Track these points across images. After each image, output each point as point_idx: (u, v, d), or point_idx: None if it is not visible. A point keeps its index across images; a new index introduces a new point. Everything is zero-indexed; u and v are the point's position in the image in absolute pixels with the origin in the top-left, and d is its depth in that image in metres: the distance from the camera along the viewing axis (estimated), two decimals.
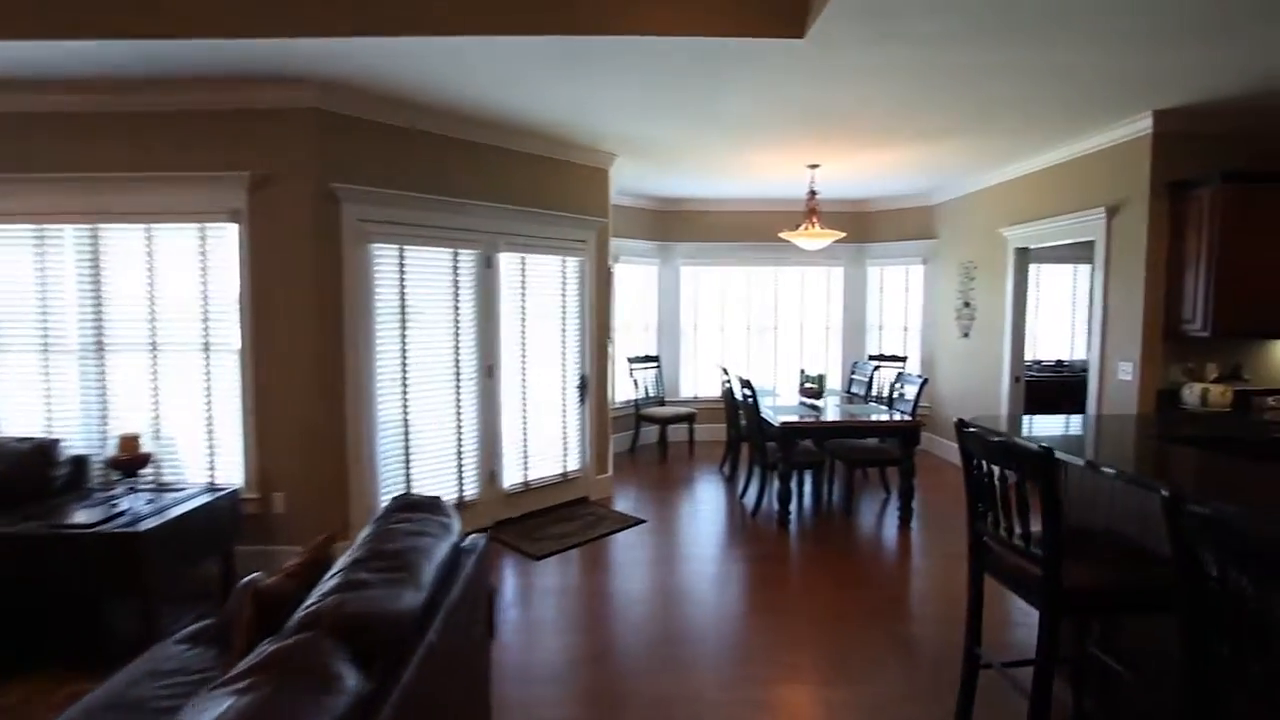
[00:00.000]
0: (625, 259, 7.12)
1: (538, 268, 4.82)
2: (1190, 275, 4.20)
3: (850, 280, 7.75)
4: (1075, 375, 6.90)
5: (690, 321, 7.73)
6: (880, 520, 4.92)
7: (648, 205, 7.41)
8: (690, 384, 7.79)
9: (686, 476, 6.17)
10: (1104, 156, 4.62)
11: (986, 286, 6.14)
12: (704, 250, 7.61)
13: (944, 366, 6.87)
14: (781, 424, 4.63)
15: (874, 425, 4.81)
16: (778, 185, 6.49)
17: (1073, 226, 4.95)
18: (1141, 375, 4.38)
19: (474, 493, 4.51)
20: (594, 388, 5.29)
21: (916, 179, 6.25)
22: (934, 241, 7.09)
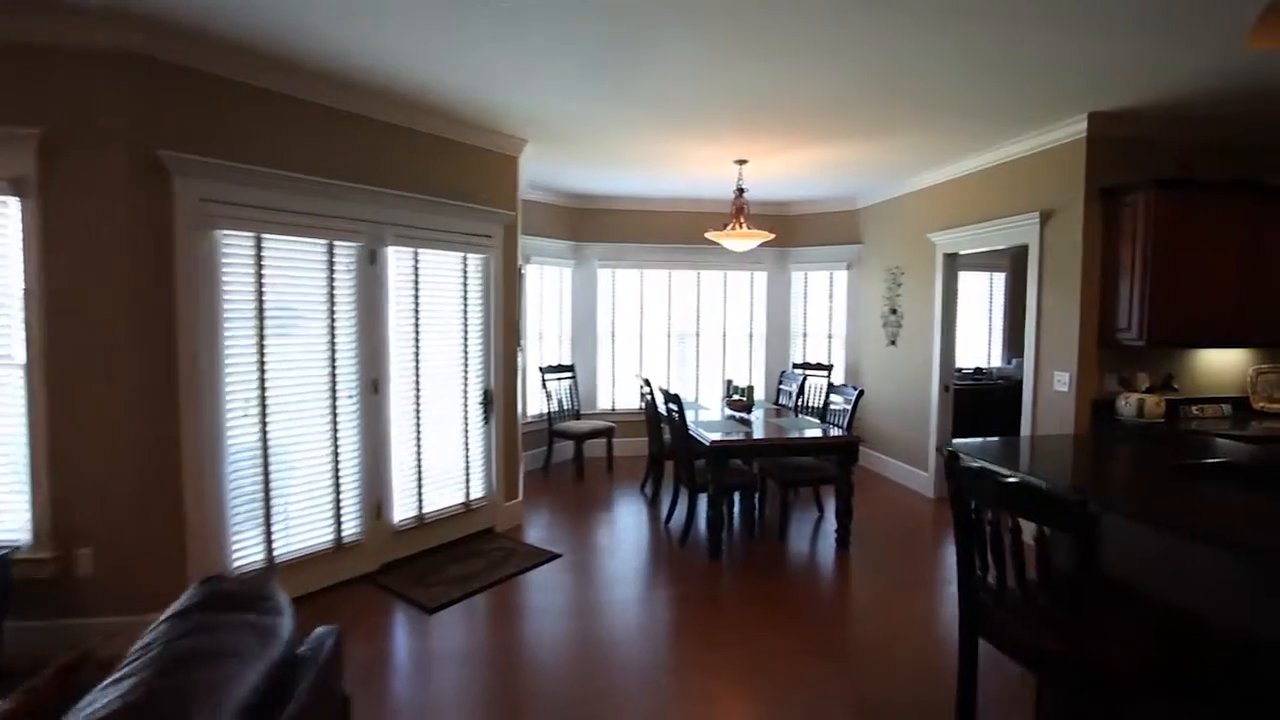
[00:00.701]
0: (537, 259, 6.50)
1: (434, 265, 4.14)
2: (1125, 283, 4.09)
3: (774, 285, 7.48)
4: (995, 383, 6.90)
5: (607, 328, 7.20)
6: (817, 544, 4.56)
7: (562, 201, 6.82)
8: (607, 395, 7.25)
9: (605, 498, 5.62)
10: (1038, 160, 4.48)
11: (914, 293, 5.98)
12: (622, 251, 7.10)
13: (870, 375, 6.69)
14: (712, 443, 4.17)
15: (813, 442, 4.44)
16: (702, 183, 6.09)
17: (1005, 231, 4.80)
18: (1078, 386, 4.24)
19: (355, 531, 3.76)
20: (502, 403, 4.65)
21: (843, 181, 6.01)
22: (859, 247, 6.92)
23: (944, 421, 5.62)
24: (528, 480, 6.04)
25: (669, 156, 5.12)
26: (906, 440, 5.99)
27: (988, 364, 7.43)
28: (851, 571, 4.08)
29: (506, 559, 4.17)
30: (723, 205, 6.98)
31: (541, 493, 5.72)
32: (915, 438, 5.87)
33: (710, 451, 4.17)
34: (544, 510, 5.23)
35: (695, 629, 3.34)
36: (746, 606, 3.58)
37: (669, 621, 3.42)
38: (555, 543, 4.49)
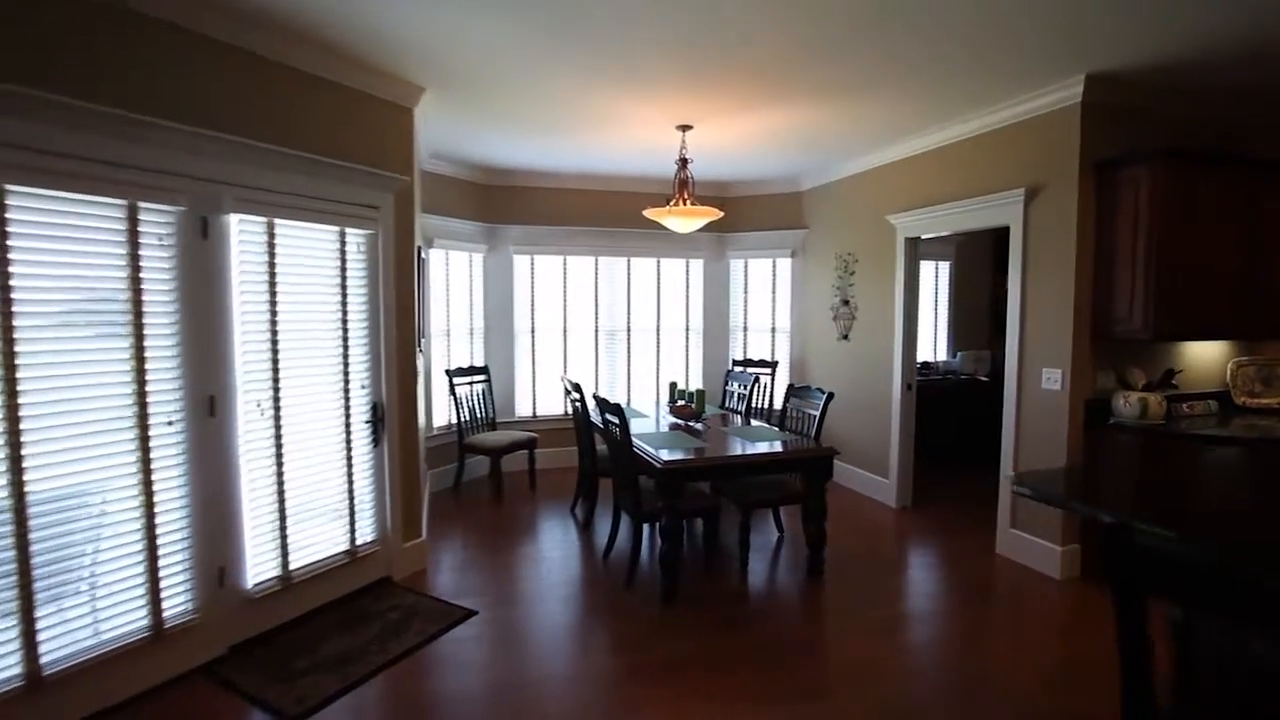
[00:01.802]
0: (442, 243, 5.48)
1: (299, 242, 3.11)
2: (1125, 268, 3.62)
3: (711, 274, 6.78)
4: (944, 379, 6.52)
5: (526, 323, 6.27)
6: (785, 575, 3.87)
7: (471, 176, 5.82)
8: (528, 400, 6.33)
9: (530, 524, 4.72)
10: (1024, 129, 3.96)
11: (870, 282, 5.43)
12: (542, 235, 6.19)
13: (820, 373, 6.11)
14: (665, 465, 3.38)
15: (785, 457, 3.73)
16: (637, 157, 5.27)
17: (981, 211, 4.27)
18: (1072, 384, 3.75)
19: (184, 608, 2.71)
20: (397, 418, 3.67)
21: (791, 157, 5.37)
22: (803, 232, 6.33)
23: (907, 423, 5.11)
24: (435, 504, 5.05)
25: (603, 117, 4.27)
26: (864, 445, 5.44)
27: (934, 358, 7.07)
28: (835, 611, 3.41)
29: (405, 622, 3.22)
30: (658, 184, 6.22)
31: (451, 521, 4.75)
32: (875, 442, 5.33)
33: (663, 474, 3.38)
34: (455, 546, 4.28)
35: (661, 715, 2.54)
36: (723, 674, 2.82)
37: (625, 706, 2.61)
38: (469, 592, 3.57)
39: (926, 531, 4.62)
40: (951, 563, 4.06)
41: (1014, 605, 3.48)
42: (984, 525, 4.65)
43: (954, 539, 4.45)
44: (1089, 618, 3.32)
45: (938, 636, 3.15)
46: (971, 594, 3.62)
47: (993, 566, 4.00)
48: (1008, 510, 4.15)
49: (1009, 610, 3.42)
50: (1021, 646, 3.05)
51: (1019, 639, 3.12)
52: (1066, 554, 3.83)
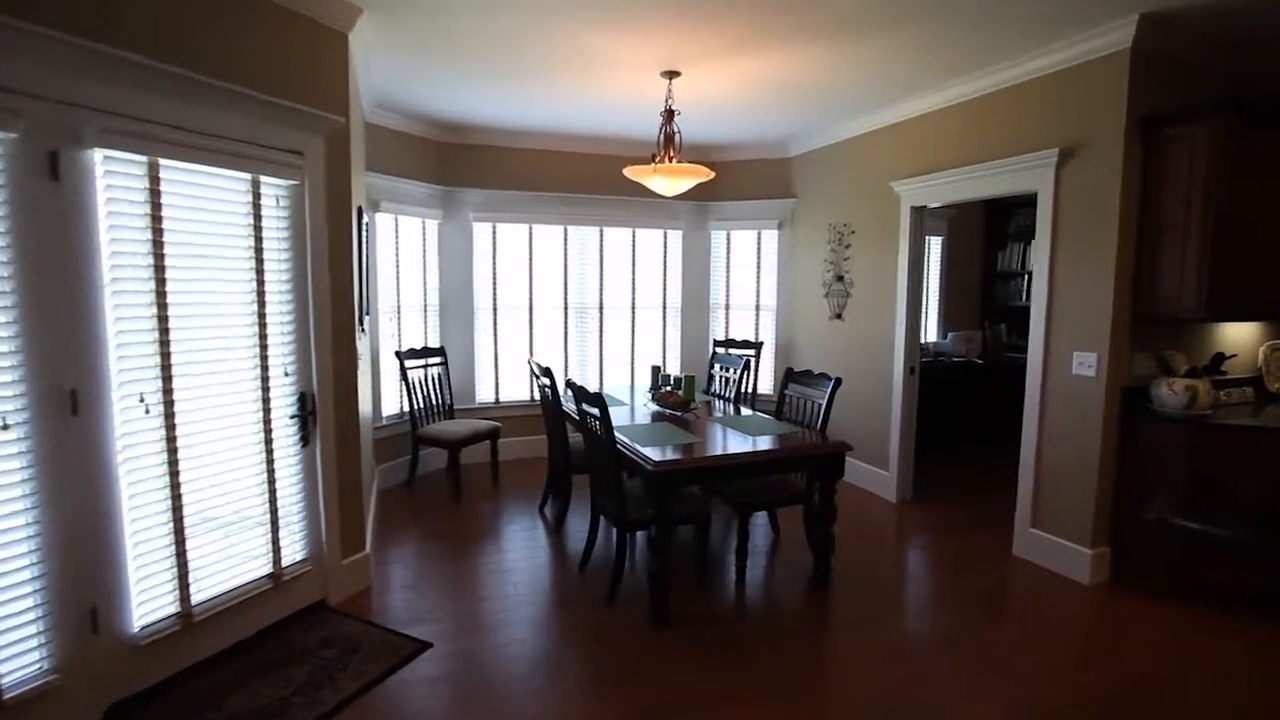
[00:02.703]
0: (390, 206, 4.79)
1: (195, 190, 2.43)
2: (1174, 241, 3.20)
3: (691, 247, 6.23)
4: (935, 361, 6.13)
5: (487, 299, 5.63)
6: (788, 586, 3.40)
7: (425, 131, 5.12)
8: (489, 385, 5.71)
9: (493, 527, 4.15)
10: (1058, 82, 3.49)
11: (869, 256, 4.96)
12: (505, 201, 5.53)
13: (809, 355, 5.65)
14: (658, 467, 2.85)
15: (795, 455, 3.21)
16: (616, 112, 4.65)
17: (1004, 176, 3.81)
18: (1109, 369, 3.34)
19: (32, 671, 2.07)
20: (332, 409, 3.04)
21: (782, 117, 4.82)
22: (792, 201, 5.81)
23: (908, 411, 4.68)
24: (385, 505, 4.44)
25: (577, 59, 3.64)
26: (861, 434, 5.01)
27: (924, 339, 6.67)
28: (849, 631, 2.95)
29: (342, 661, 2.64)
30: (637, 146, 5.62)
31: (403, 525, 4.14)
32: (872, 430, 4.90)
33: (655, 479, 2.84)
34: (406, 557, 3.68)
35: None
36: (727, 717, 2.33)
37: None
38: (423, 617, 3.00)
39: (932, 530, 4.21)
40: (968, 568, 3.65)
41: (1051, 619, 3.08)
42: (993, 522, 4.28)
43: (965, 539, 4.05)
44: (1137, 631, 2.94)
45: (973, 661, 2.71)
46: (1000, 606, 3.21)
47: (1014, 572, 3.61)
48: (1028, 508, 3.76)
49: (1047, 625, 3.02)
50: (1072, 670, 2.63)
51: (1067, 661, 2.71)
52: (1096, 557, 3.45)
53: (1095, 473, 3.41)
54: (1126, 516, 3.43)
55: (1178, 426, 3.23)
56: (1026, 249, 6.48)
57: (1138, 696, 2.49)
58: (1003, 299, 6.81)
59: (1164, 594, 3.29)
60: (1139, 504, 3.38)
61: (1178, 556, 3.26)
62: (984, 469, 5.61)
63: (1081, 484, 3.47)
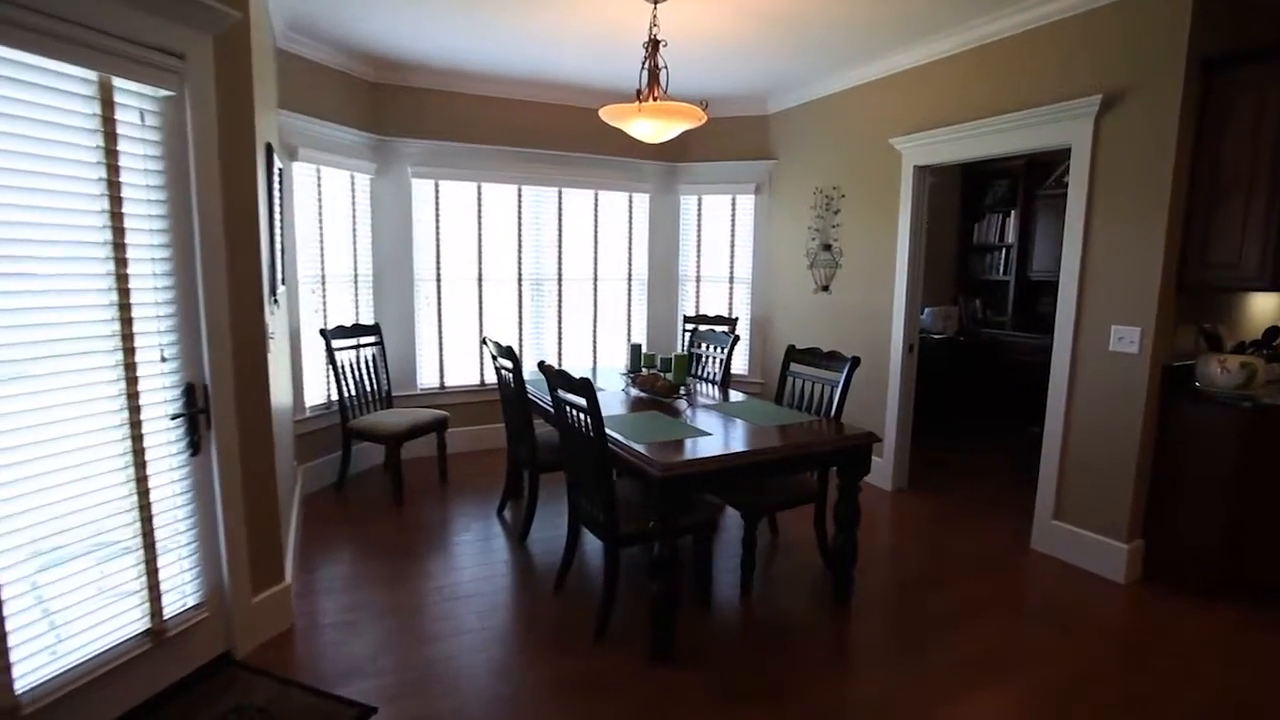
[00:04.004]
0: (311, 155, 3.97)
1: None
2: (1236, 201, 2.84)
3: (659, 212, 5.64)
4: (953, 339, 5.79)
5: (430, 268, 4.88)
6: (804, 603, 2.91)
7: (355, 68, 4.29)
8: (433, 368, 4.99)
9: (443, 538, 3.49)
10: (1100, 19, 3.06)
11: (861, 221, 4.49)
12: (451, 155, 4.77)
13: (790, 330, 5.18)
14: (666, 471, 2.27)
15: (818, 450, 2.68)
16: (585, 49, 3.97)
17: (1032, 128, 3.37)
18: (1154, 345, 2.97)
19: None
20: (231, 404, 2.31)
21: (768, 62, 4.26)
22: (771, 163, 5.29)
23: (906, 392, 4.28)
24: (311, 512, 3.71)
25: None
26: (852, 416, 4.57)
27: None
28: (883, 657, 2.49)
29: None
30: (606, 96, 4.96)
31: (333, 538, 3.43)
32: (865, 413, 4.47)
33: (663, 485, 2.27)
34: (338, 582, 3.00)
35: None
36: None
37: None
38: (361, 668, 2.35)
39: (938, 523, 3.83)
40: (990, 568, 3.26)
41: (1104, 628, 2.71)
42: (999, 512, 3.95)
43: (975, 533, 3.68)
44: (1210, 640, 2.60)
45: (1034, 696, 2.29)
46: (1042, 617, 2.82)
47: (1042, 570, 3.25)
48: (1050, 498, 3.40)
49: (1104, 636, 2.64)
50: (1155, 692, 2.25)
51: (1143, 679, 2.33)
52: (1133, 552, 3.12)
53: (1135, 460, 3.06)
54: (1165, 508, 3.11)
55: (1229, 408, 2.90)
56: (1005, 220, 6.20)
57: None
58: (978, 273, 6.54)
59: (1207, 592, 2.99)
60: (1179, 494, 3.06)
61: (1222, 551, 2.95)
62: (976, 451, 5.32)
63: (1118, 472, 3.12)
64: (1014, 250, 6.11)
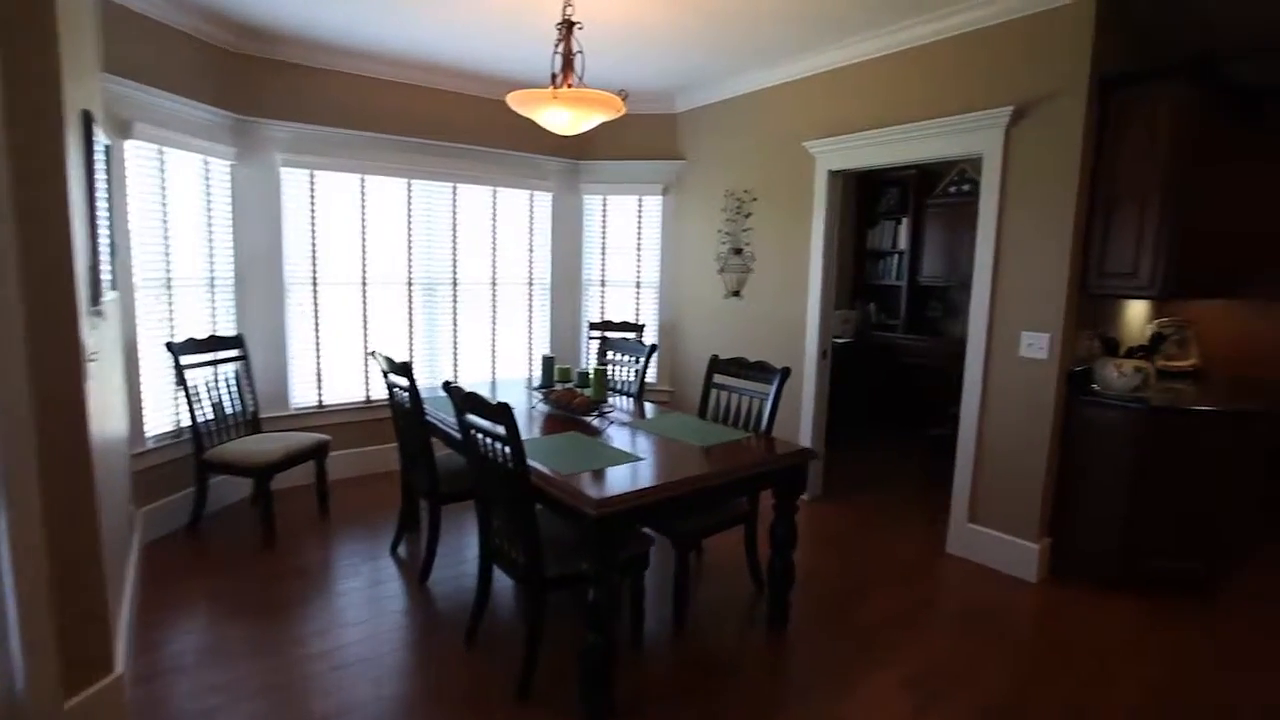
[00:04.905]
0: (151, 132, 3.31)
1: None
2: (1132, 212, 2.96)
3: (562, 212, 5.32)
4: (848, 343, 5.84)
5: (304, 270, 4.28)
6: (740, 633, 2.72)
7: (209, 32, 3.64)
8: (309, 384, 4.38)
9: (325, 588, 2.99)
10: (1012, 33, 3.10)
11: (774, 226, 4.42)
12: (329, 142, 4.21)
13: (700, 337, 5.04)
14: (601, 507, 1.98)
15: (764, 470, 2.49)
16: (486, 29, 3.59)
17: (943, 138, 3.40)
18: (1060, 351, 3.06)
19: None
20: (32, 444, 1.77)
21: (684, 55, 4.09)
22: (680, 164, 5.13)
23: (821, 399, 4.24)
24: (155, 563, 3.08)
25: None
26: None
27: None
28: (829, 683, 2.33)
29: None
30: (508, 85, 4.58)
31: (186, 598, 2.84)
32: (779, 422, 4.36)
33: (600, 524, 1.98)
34: (188, 658, 2.44)
35: None
36: None
37: None
38: None
39: (856, 532, 3.80)
40: (914, 576, 3.24)
41: (1029, 632, 2.72)
42: (912, 516, 4.01)
43: (893, 540, 3.68)
44: (1122, 637, 2.66)
45: (984, 705, 2.22)
46: (971, 622, 2.80)
47: (962, 574, 3.27)
48: (965, 502, 3.44)
49: (1031, 641, 2.65)
50: (1087, 698, 2.24)
51: (1071, 684, 2.32)
52: (1043, 551, 3.21)
53: (1044, 462, 3.14)
54: (1069, 507, 3.22)
55: (1124, 410, 3.02)
56: (898, 227, 6.42)
57: None
58: (872, 278, 6.74)
59: (1108, 586, 3.12)
60: (1081, 493, 3.17)
61: (1120, 546, 3.09)
62: (881, 455, 5.42)
63: (1029, 475, 3.19)
64: (905, 256, 6.35)
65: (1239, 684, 2.42)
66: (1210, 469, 2.99)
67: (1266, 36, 3.42)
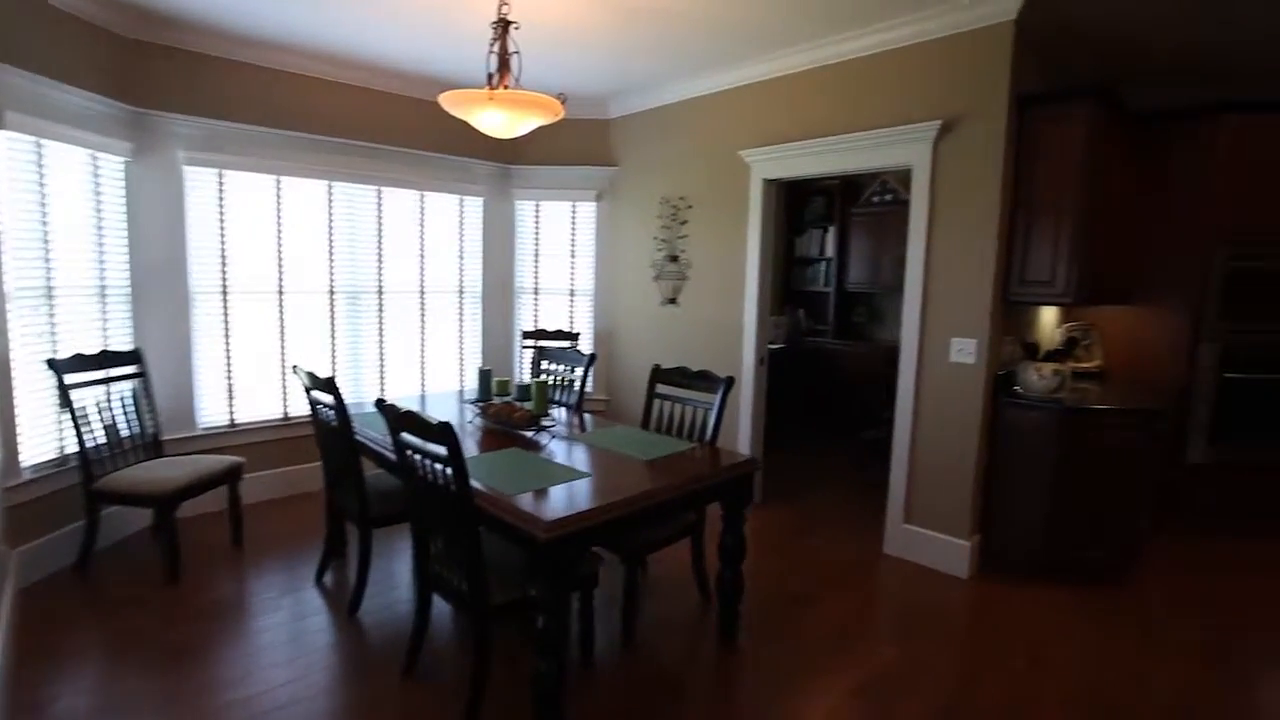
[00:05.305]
0: (23, 122, 2.95)
1: None
2: (1047, 224, 3.13)
3: (493, 219, 5.16)
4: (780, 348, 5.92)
5: (213, 279, 3.94)
6: (691, 648, 2.67)
7: (98, 13, 3.29)
8: (219, 401, 4.04)
9: (239, 625, 2.74)
10: (941, 49, 3.22)
11: (710, 233, 4.43)
12: (241, 140, 3.89)
13: (636, 346, 5.00)
14: (551, 529, 1.88)
15: (713, 482, 2.45)
16: (417, 24, 3.41)
17: (874, 149, 3.49)
18: (988, 356, 3.19)
19: None
20: None
21: (617, 60, 4.05)
22: (614, 170, 5.07)
23: (758, 406, 4.28)
24: (34, 609, 2.73)
25: None
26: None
27: None
28: (788, 692, 2.32)
29: None
30: (437, 85, 4.41)
31: (74, 646, 2.53)
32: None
33: (549, 549, 1.88)
34: (78, 716, 2.17)
35: None
36: None
37: None
38: None
39: (797, 536, 3.84)
40: (855, 579, 3.30)
41: (968, 629, 2.81)
42: (849, 518, 4.11)
43: (832, 543, 3.74)
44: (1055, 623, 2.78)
45: (937, 707, 2.26)
46: (913, 622, 2.87)
47: (900, 574, 3.35)
48: (900, 503, 3.54)
49: (971, 638, 2.73)
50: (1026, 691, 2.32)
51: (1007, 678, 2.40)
52: (974, 547, 3.33)
53: (974, 462, 3.27)
54: (996, 503, 3.36)
55: (1045, 411, 3.19)
56: (825, 235, 6.60)
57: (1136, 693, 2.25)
58: (800, 284, 6.90)
59: (1033, 578, 3.27)
60: (1007, 490, 3.32)
61: (1044, 539, 3.25)
62: (815, 459, 5.53)
63: (959, 475, 3.32)
64: (833, 263, 6.54)
65: (1156, 660, 2.58)
66: (1118, 463, 3.20)
67: (1155, 67, 3.71)
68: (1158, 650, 2.69)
